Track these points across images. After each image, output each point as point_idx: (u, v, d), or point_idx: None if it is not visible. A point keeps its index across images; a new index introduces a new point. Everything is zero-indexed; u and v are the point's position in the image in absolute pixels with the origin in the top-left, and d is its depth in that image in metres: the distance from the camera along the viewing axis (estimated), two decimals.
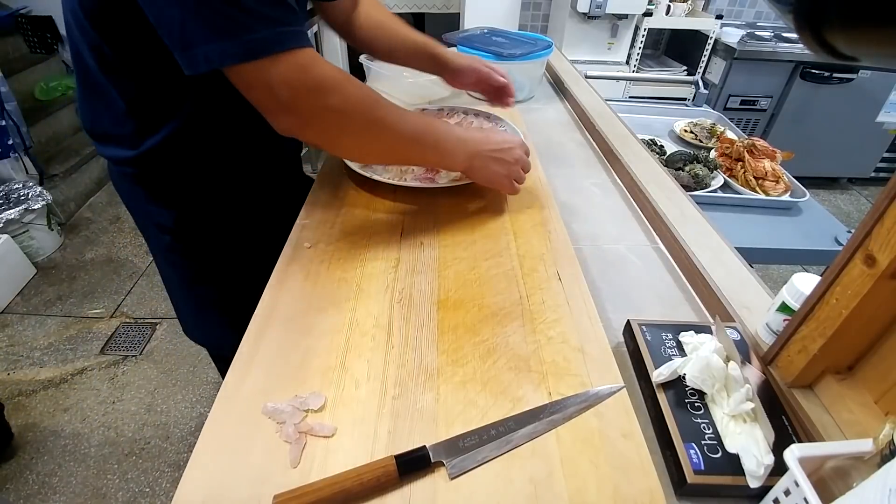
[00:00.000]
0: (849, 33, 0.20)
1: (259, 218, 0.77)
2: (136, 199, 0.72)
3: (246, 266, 0.71)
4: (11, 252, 1.91)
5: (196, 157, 0.67)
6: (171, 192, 0.69)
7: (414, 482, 0.39)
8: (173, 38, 0.48)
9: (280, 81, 0.50)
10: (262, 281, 0.57)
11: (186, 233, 0.73)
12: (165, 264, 0.80)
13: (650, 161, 0.93)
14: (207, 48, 0.46)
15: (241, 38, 0.46)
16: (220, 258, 0.77)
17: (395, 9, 2.93)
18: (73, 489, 1.31)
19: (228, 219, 0.75)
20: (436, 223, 0.69)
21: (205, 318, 0.85)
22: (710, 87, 2.61)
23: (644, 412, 0.48)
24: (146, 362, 1.66)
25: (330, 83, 0.53)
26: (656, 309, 0.62)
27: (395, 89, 1.23)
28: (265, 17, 0.47)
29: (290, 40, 0.49)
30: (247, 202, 0.76)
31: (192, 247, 0.75)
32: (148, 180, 0.68)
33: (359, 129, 0.57)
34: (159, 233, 0.73)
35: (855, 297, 0.39)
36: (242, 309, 0.54)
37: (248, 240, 0.76)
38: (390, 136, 0.60)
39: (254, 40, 0.47)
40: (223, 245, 0.76)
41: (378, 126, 0.58)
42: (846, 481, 0.34)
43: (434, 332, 0.52)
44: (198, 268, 0.77)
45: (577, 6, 2.37)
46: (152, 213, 0.72)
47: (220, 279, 0.79)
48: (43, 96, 2.48)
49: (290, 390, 0.45)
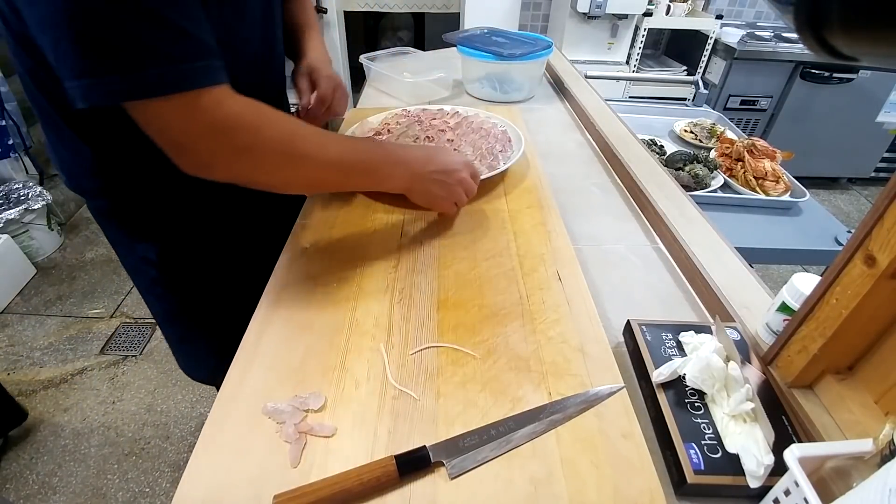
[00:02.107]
0: (849, 33, 0.20)
1: (245, 243, 0.75)
2: (115, 234, 0.70)
3: (233, 296, 0.68)
4: (11, 252, 1.91)
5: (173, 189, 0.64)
6: (150, 224, 0.67)
7: (414, 482, 0.39)
8: (57, 65, 0.41)
9: (174, 125, 0.44)
10: (250, 311, 0.54)
11: (171, 265, 0.71)
12: (152, 299, 0.78)
13: (650, 161, 0.93)
14: (88, 82, 0.40)
15: (125, 74, 0.40)
16: (207, 288, 0.75)
17: (396, 9, 2.93)
18: (73, 489, 1.31)
19: (214, 248, 0.73)
20: (436, 223, 0.69)
21: (193, 351, 0.83)
22: (710, 87, 2.61)
23: (644, 412, 0.48)
24: (146, 362, 1.66)
25: (234, 123, 0.46)
26: (656, 309, 0.62)
27: (395, 89, 1.23)
28: (159, 53, 0.41)
29: (189, 80, 0.43)
30: (232, 228, 0.74)
31: (178, 278, 0.73)
32: (125, 214, 0.66)
33: (275, 167, 0.51)
34: (143, 266, 0.71)
35: (855, 297, 0.39)
36: (231, 341, 0.51)
37: (235, 267, 0.74)
38: (313, 168, 0.54)
39: (141, 78, 0.40)
40: (209, 275, 0.74)
41: (297, 160, 0.52)
42: (846, 481, 0.34)
43: (434, 331, 0.52)
44: (183, 300, 0.75)
45: (577, 6, 2.37)
46: (135, 247, 0.69)
47: (207, 310, 0.77)
48: None
49: (290, 390, 0.45)
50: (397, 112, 0.94)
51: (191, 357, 0.85)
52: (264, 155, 0.49)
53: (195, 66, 0.43)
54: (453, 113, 0.94)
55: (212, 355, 0.79)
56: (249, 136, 0.48)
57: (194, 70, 0.43)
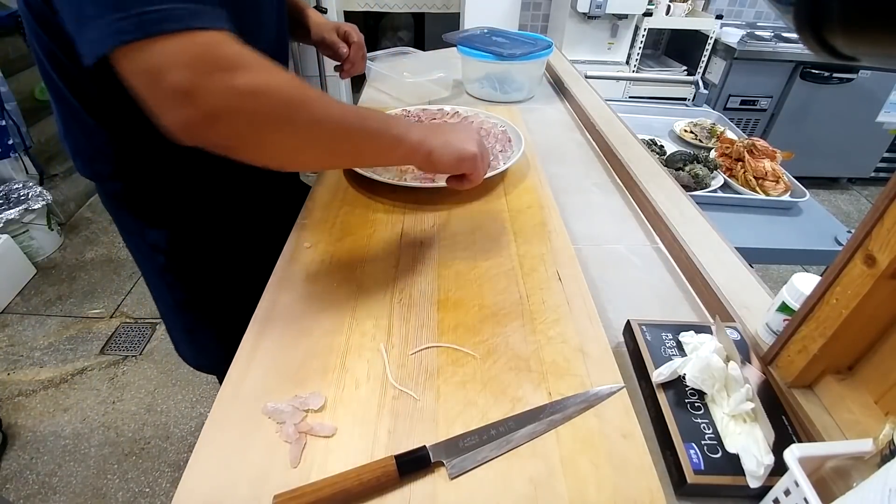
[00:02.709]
0: (849, 33, 0.20)
1: (254, 233, 0.76)
2: (127, 220, 0.71)
3: (241, 285, 0.68)
4: (11, 252, 1.91)
5: (186, 173, 0.65)
6: (162, 210, 0.68)
7: (414, 482, 0.39)
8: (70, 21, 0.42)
9: (174, 62, 0.41)
10: (256, 299, 0.55)
11: (180, 252, 0.71)
12: (159, 285, 0.78)
13: (650, 161, 0.93)
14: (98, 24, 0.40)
15: (130, 10, 0.39)
16: (215, 276, 0.75)
17: (396, 9, 2.93)
18: (73, 489, 1.31)
19: (223, 235, 0.73)
20: (436, 223, 0.69)
21: (199, 341, 0.84)
22: (710, 87, 2.61)
23: (644, 412, 0.48)
24: (146, 362, 1.66)
25: (240, 60, 0.43)
26: (656, 309, 0.62)
27: (395, 89, 1.23)
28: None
29: (195, 18, 0.41)
30: (241, 217, 0.74)
31: (187, 267, 0.73)
32: (138, 198, 0.67)
33: (282, 120, 0.45)
34: (153, 253, 0.71)
35: (855, 297, 0.39)
36: (237, 330, 0.52)
37: (243, 256, 0.75)
38: (328, 126, 0.48)
39: (147, 13, 0.40)
40: (217, 263, 0.74)
41: (307, 110, 0.46)
42: (846, 481, 0.34)
43: (434, 331, 0.52)
44: (192, 288, 0.76)
45: (577, 6, 2.37)
46: (144, 233, 0.70)
47: (215, 299, 0.77)
48: (43, 96, 2.48)
49: (290, 390, 0.45)
50: (397, 112, 0.94)
51: (197, 347, 0.85)
52: (270, 101, 0.44)
53: (204, 6, 0.42)
54: (453, 113, 0.94)
55: (219, 345, 0.79)
56: (253, 76, 0.43)
57: (203, 11, 0.42)
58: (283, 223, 0.69)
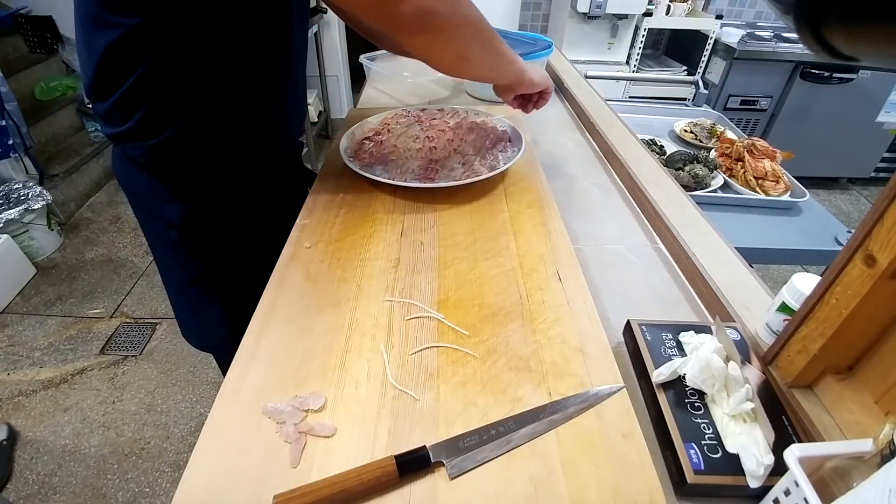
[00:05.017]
0: (849, 33, 0.20)
1: (264, 214, 0.78)
2: (143, 194, 0.72)
3: (250, 263, 0.71)
4: (11, 252, 1.91)
5: (207, 151, 0.67)
6: (180, 185, 0.69)
7: (414, 482, 0.39)
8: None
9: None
10: (265, 279, 0.57)
11: (194, 229, 0.73)
12: (170, 262, 0.79)
13: (650, 161, 0.93)
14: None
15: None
16: (226, 255, 0.77)
17: None
18: (73, 489, 1.31)
19: (235, 215, 0.75)
20: (436, 223, 0.69)
21: (207, 319, 0.85)
22: (710, 87, 2.62)
23: (644, 412, 0.48)
24: (146, 362, 1.66)
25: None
26: (656, 309, 0.62)
27: (395, 89, 1.23)
28: None
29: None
30: (252, 198, 0.76)
31: (199, 243, 0.75)
32: (159, 172, 0.68)
33: (468, 21, 0.62)
34: (165, 229, 0.73)
35: (855, 297, 0.39)
36: (245, 308, 0.54)
37: (253, 236, 0.77)
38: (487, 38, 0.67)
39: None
40: (229, 242, 0.76)
41: (485, 25, 0.65)
42: (846, 481, 0.34)
43: (434, 332, 0.52)
44: (203, 265, 0.77)
45: (577, 6, 2.37)
46: (160, 208, 0.71)
47: (225, 277, 0.79)
48: (43, 96, 2.48)
49: (290, 390, 0.45)
50: (397, 112, 0.94)
51: (204, 325, 0.86)
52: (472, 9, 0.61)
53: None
54: (453, 113, 0.94)
55: (225, 323, 0.81)
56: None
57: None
58: (293, 204, 0.71)
